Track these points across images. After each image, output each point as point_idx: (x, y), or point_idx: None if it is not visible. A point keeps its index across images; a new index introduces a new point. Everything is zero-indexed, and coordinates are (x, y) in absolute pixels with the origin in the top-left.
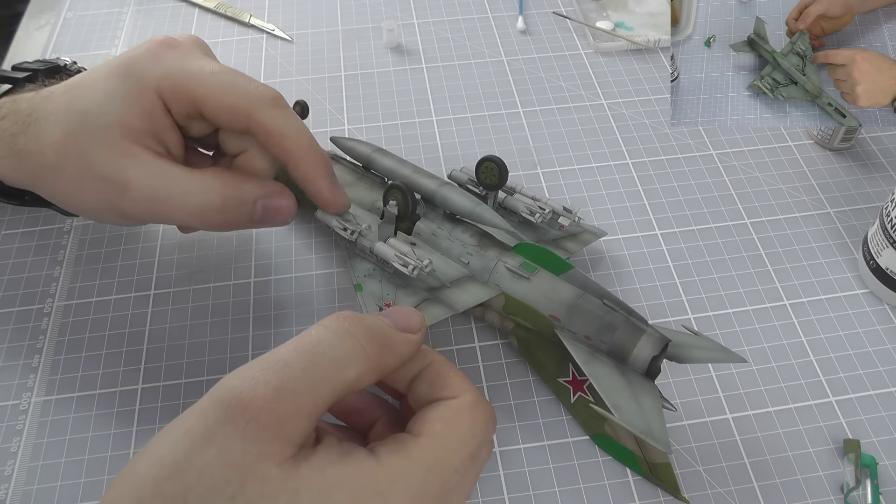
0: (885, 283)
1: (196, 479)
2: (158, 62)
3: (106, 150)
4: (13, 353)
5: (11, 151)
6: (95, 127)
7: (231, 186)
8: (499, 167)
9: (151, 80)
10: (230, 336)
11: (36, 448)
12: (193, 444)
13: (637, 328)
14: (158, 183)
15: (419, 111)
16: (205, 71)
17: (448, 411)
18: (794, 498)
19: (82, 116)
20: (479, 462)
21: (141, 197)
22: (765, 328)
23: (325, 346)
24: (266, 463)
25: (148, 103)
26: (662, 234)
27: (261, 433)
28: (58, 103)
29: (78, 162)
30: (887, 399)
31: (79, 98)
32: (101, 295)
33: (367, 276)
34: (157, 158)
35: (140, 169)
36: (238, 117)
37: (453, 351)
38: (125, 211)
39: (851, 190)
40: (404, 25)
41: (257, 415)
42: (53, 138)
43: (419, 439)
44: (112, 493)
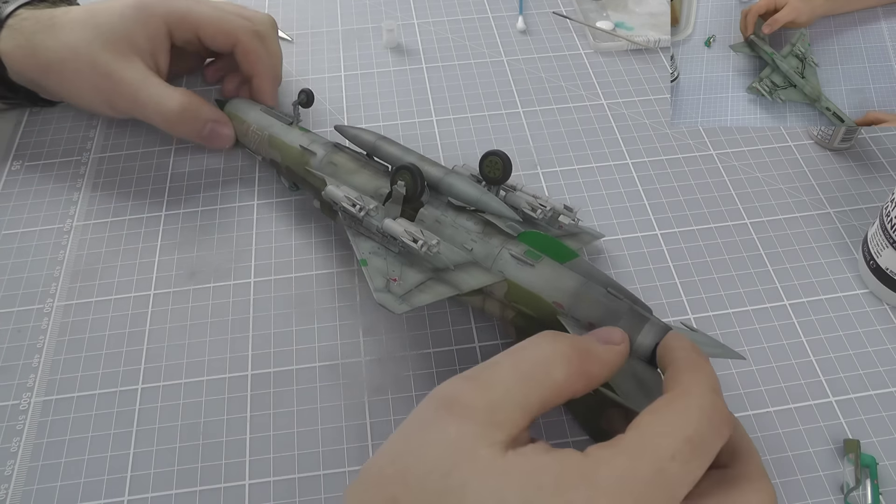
0: (885, 283)
1: (414, 461)
2: (170, 2)
3: (111, 53)
4: (13, 353)
5: (30, 44)
6: (106, 36)
7: (192, 103)
8: (503, 161)
9: (161, 13)
10: (230, 336)
11: (36, 448)
12: (412, 434)
13: (641, 316)
14: (143, 85)
15: (419, 111)
16: (205, 7)
17: (659, 402)
18: (794, 498)
19: (97, 28)
20: (704, 450)
21: (129, 92)
22: (765, 328)
23: (530, 350)
24: (478, 444)
25: (153, 29)
26: (662, 234)
27: (474, 416)
28: (76, 16)
29: (87, 58)
30: (887, 399)
31: (96, 15)
32: (101, 295)
33: (372, 254)
34: (148, 69)
35: (134, 72)
36: (229, 39)
37: (453, 351)
38: (115, 103)
39: (851, 190)
40: (404, 25)
41: (470, 402)
42: (69, 38)
43: (628, 433)
44: (348, 490)
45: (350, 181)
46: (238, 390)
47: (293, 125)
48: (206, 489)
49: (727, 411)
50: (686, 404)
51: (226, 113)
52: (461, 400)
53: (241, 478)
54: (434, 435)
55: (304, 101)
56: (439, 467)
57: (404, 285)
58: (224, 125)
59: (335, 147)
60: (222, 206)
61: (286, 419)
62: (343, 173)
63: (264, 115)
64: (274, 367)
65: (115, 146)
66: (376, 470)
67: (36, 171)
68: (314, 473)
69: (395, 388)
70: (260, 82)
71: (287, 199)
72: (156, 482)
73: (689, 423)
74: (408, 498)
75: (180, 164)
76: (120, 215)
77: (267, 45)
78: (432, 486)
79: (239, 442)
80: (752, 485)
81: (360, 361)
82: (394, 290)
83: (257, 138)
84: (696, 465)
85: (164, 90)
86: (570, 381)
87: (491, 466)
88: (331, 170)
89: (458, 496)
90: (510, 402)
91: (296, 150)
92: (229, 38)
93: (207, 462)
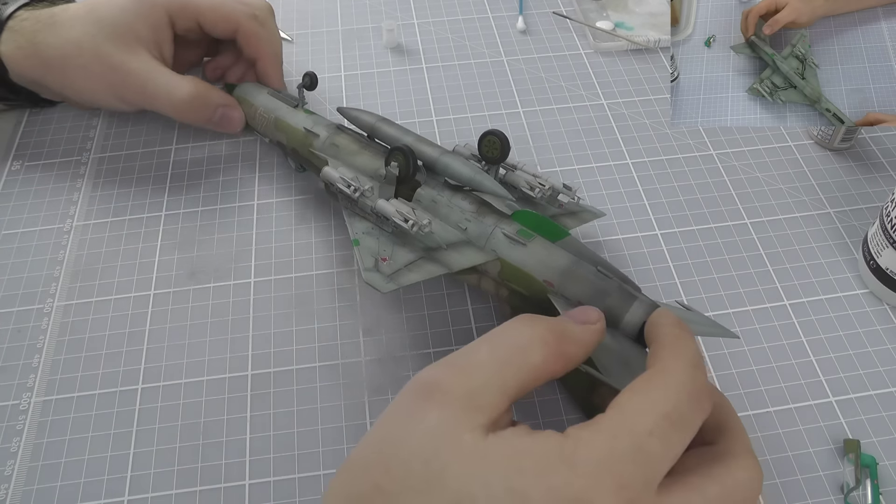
0: (885, 283)
1: (396, 449)
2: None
3: (116, 46)
4: (13, 353)
5: (31, 44)
6: (109, 29)
7: (201, 90)
8: (501, 141)
9: (163, 2)
10: (230, 336)
11: (36, 448)
12: (393, 423)
13: (629, 294)
14: (151, 76)
15: (419, 111)
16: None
17: (639, 380)
18: (794, 498)
19: (99, 22)
20: (684, 425)
21: (137, 83)
22: (765, 328)
23: (507, 334)
24: (459, 429)
25: (155, 19)
26: (662, 234)
27: (454, 403)
28: (77, 12)
29: (91, 52)
30: (887, 399)
31: (97, 9)
32: (101, 295)
33: (365, 234)
34: (154, 59)
35: (140, 63)
36: (230, 25)
37: (454, 351)
38: (124, 95)
39: (851, 190)
40: (404, 25)
41: (450, 388)
42: (71, 34)
43: (607, 411)
44: (333, 480)
45: (351, 162)
46: (238, 390)
47: (298, 108)
48: (206, 489)
49: (708, 386)
50: (665, 381)
51: (234, 97)
52: (441, 386)
53: (241, 478)
54: (415, 422)
55: (308, 84)
56: (422, 453)
57: (393, 265)
58: (234, 108)
59: (338, 129)
60: (222, 206)
61: (286, 419)
62: (345, 154)
63: (271, 98)
64: (274, 367)
65: (115, 146)
66: (360, 460)
67: (36, 171)
68: (314, 473)
69: (395, 388)
70: (265, 65)
71: (287, 199)
72: (156, 482)
73: (667, 399)
74: (392, 485)
75: (180, 164)
76: (120, 215)
77: (267, 28)
78: (415, 472)
79: (239, 442)
80: (737, 461)
81: (360, 361)
82: (382, 270)
83: (264, 121)
84: (675, 441)
85: (172, 79)
86: (547, 364)
87: (472, 451)
88: (333, 151)
89: (441, 481)
90: (489, 387)
91: (300, 132)
92: (230, 23)
93: (207, 462)
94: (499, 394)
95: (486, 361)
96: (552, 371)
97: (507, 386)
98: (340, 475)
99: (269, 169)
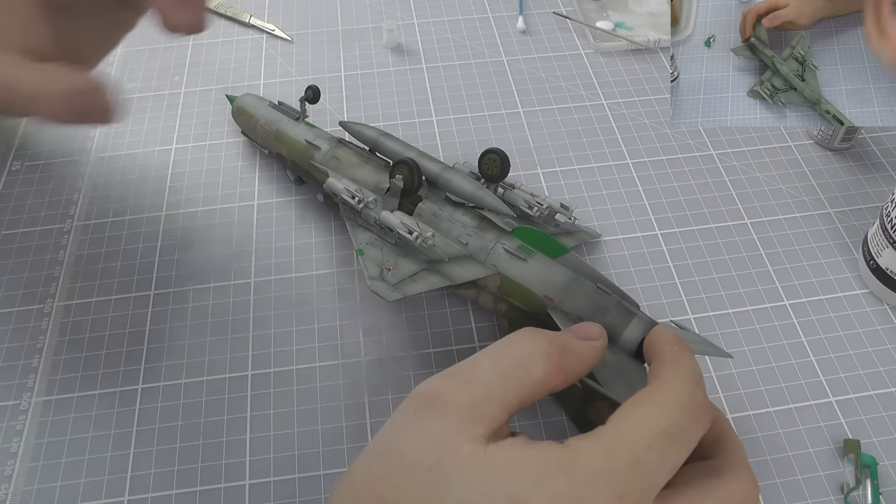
0: (885, 283)
1: (398, 458)
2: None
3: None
4: (13, 353)
5: None
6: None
7: (76, 76)
8: (501, 159)
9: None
10: (230, 336)
11: (36, 448)
12: (396, 432)
13: (628, 311)
14: (7, 73)
15: (419, 111)
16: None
17: (640, 394)
18: (794, 498)
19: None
20: (682, 439)
21: None
22: (765, 328)
23: (509, 348)
24: (459, 439)
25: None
26: (662, 234)
27: (455, 413)
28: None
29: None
30: (887, 399)
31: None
32: (101, 295)
33: (369, 244)
34: (12, 55)
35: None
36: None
37: (453, 351)
38: None
39: (851, 190)
40: (404, 25)
41: (452, 399)
42: None
43: (607, 424)
44: (335, 490)
45: (352, 175)
46: (238, 390)
47: (300, 121)
48: (206, 489)
49: (707, 402)
50: (665, 396)
51: (235, 108)
52: (443, 397)
53: (241, 478)
54: (417, 432)
55: (311, 98)
56: (423, 462)
57: (398, 275)
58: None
59: (339, 142)
60: (222, 206)
61: (286, 419)
62: (346, 167)
63: (272, 110)
64: (274, 367)
65: (116, 146)
66: (362, 469)
67: (36, 171)
68: (314, 473)
69: (396, 388)
70: None
71: (287, 199)
72: (156, 482)
73: (667, 413)
74: (394, 495)
75: (181, 164)
76: (120, 215)
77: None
78: (417, 481)
79: (239, 442)
80: (734, 475)
81: (360, 361)
82: (387, 279)
83: (265, 133)
84: (673, 455)
85: (35, 71)
86: (548, 377)
87: (473, 460)
88: (334, 164)
89: (443, 490)
90: (491, 399)
91: (301, 144)
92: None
93: (207, 462)
94: (499, 406)
95: (488, 373)
96: (553, 385)
97: (508, 398)
98: (343, 485)
99: (269, 169)
